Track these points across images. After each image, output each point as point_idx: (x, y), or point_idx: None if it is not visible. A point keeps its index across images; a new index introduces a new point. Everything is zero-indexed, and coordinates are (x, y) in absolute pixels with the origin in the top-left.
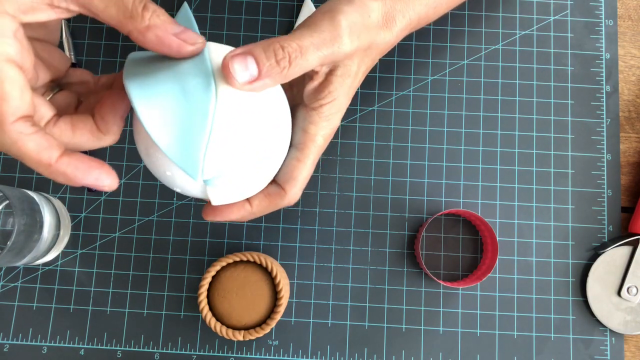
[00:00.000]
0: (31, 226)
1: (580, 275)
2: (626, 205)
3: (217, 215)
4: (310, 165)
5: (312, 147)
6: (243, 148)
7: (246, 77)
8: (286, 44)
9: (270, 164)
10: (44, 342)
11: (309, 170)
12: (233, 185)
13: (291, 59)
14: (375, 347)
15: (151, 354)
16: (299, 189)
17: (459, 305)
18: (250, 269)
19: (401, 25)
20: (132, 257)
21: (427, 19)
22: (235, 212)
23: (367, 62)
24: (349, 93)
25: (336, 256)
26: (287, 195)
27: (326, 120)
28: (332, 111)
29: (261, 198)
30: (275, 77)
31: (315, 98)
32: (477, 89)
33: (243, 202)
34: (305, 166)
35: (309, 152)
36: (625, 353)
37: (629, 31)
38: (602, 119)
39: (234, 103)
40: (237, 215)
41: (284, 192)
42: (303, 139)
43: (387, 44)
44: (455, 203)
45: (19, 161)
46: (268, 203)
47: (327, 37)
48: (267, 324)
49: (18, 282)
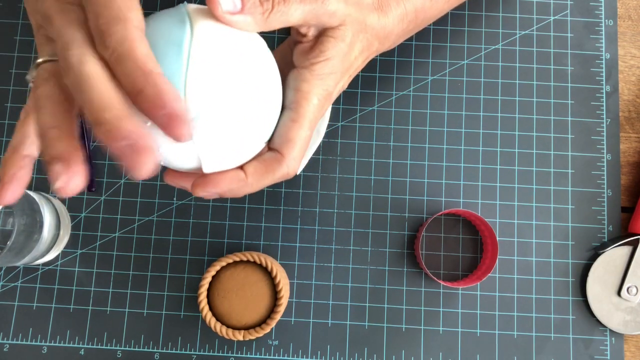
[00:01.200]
0: (31, 226)
1: (580, 275)
2: (626, 205)
3: (209, 185)
4: (307, 126)
5: (307, 105)
6: (225, 90)
7: (229, 5)
8: None
9: (260, 120)
10: (44, 342)
11: (306, 131)
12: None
13: (274, 3)
14: (375, 347)
15: (151, 354)
16: (298, 153)
17: (459, 305)
18: (250, 269)
19: (397, 12)
20: (132, 257)
21: (425, 12)
22: (229, 180)
23: (364, 41)
24: (344, 61)
25: (336, 256)
26: (286, 160)
27: (319, 78)
28: (325, 71)
29: (256, 165)
30: (256, 18)
31: (306, 57)
32: (477, 89)
33: (237, 171)
34: (301, 126)
35: (304, 111)
36: (625, 353)
37: (629, 31)
38: (602, 119)
39: (213, 39)
40: (231, 185)
41: (282, 156)
42: (296, 97)
43: (384, 29)
44: (455, 203)
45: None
46: (264, 170)
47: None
48: (267, 324)
49: (18, 282)
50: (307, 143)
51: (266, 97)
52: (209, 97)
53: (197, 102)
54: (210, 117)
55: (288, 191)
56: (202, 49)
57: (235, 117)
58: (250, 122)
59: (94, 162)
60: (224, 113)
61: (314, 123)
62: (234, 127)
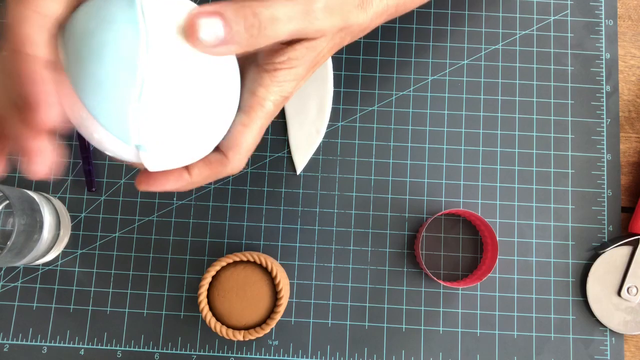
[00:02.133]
0: (31, 226)
1: (580, 275)
2: (626, 205)
3: (152, 185)
4: (257, 131)
5: (260, 111)
6: (182, 110)
7: (212, 38)
8: (259, 10)
9: (215, 129)
10: (44, 342)
11: (255, 136)
12: (171, 150)
13: (261, 27)
14: (375, 347)
15: (151, 354)
16: (243, 156)
17: (459, 305)
18: (250, 269)
19: (377, 8)
20: (132, 257)
21: (405, 5)
22: (172, 181)
23: (336, 42)
24: (310, 68)
25: (336, 256)
26: (230, 163)
27: (278, 85)
28: (288, 78)
29: (201, 166)
30: (241, 44)
31: (272, 60)
32: (477, 89)
33: (181, 171)
34: (250, 131)
35: (256, 117)
36: (625, 353)
37: (629, 31)
38: (602, 119)
39: (172, 59)
40: (175, 185)
41: (227, 160)
42: (250, 101)
43: (360, 27)
44: (455, 203)
45: (19, 161)
46: (209, 171)
47: (300, 9)
48: (267, 324)
49: (18, 282)
50: (254, 145)
51: (224, 109)
52: (162, 122)
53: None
54: (163, 137)
55: (288, 191)
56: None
57: (190, 131)
58: (204, 135)
59: (94, 162)
60: (178, 131)
61: (265, 126)
62: (186, 140)
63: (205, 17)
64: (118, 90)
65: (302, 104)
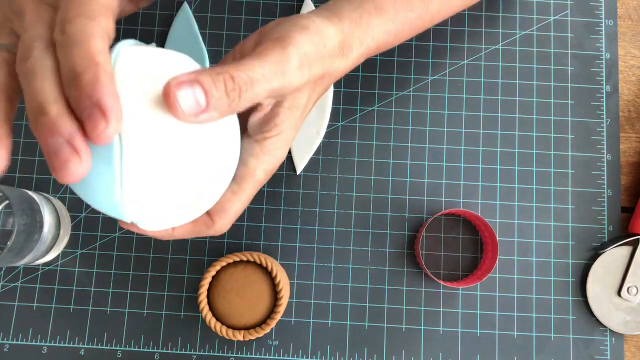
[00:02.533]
0: (31, 226)
1: (580, 275)
2: (626, 205)
3: (135, 229)
4: (245, 200)
5: (251, 181)
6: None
7: (193, 108)
8: (236, 74)
9: (207, 199)
10: (44, 342)
11: (243, 204)
12: (164, 218)
13: (241, 91)
14: (375, 347)
15: (151, 354)
16: (229, 222)
17: (459, 305)
18: (250, 269)
19: (357, 52)
20: (132, 257)
21: (387, 46)
22: (157, 234)
23: (319, 91)
24: (297, 125)
25: (336, 256)
26: (215, 226)
27: (269, 154)
28: (277, 145)
29: (185, 225)
30: (223, 110)
31: (260, 130)
32: (477, 89)
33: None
34: (239, 200)
35: (246, 187)
36: (625, 353)
37: (629, 31)
38: (602, 119)
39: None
40: (156, 235)
41: (212, 223)
42: (241, 171)
43: (340, 72)
44: (455, 203)
45: (19, 161)
46: (191, 229)
47: (276, 69)
48: (267, 324)
49: (18, 282)
50: (240, 212)
51: (219, 179)
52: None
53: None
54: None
55: (288, 191)
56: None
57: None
58: (195, 204)
59: None
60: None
61: (254, 193)
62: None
63: (185, 87)
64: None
65: None
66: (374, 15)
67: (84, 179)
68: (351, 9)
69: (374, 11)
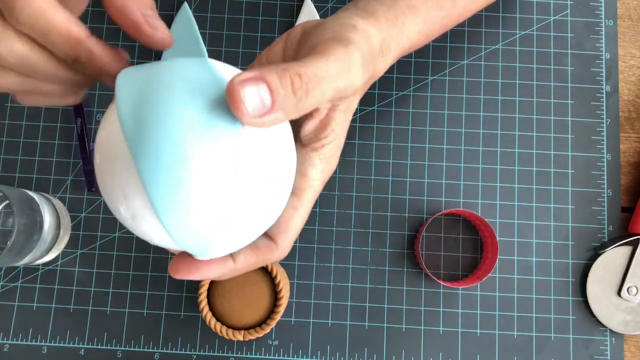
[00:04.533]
0: (31, 226)
1: (580, 275)
2: (626, 205)
3: (192, 273)
4: (305, 214)
5: (311, 192)
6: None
7: (257, 107)
8: (302, 71)
9: (271, 213)
10: (44, 342)
11: (303, 218)
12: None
13: (308, 89)
14: (375, 347)
15: (151, 354)
16: (291, 241)
17: (459, 305)
18: None
19: (395, 52)
20: (132, 257)
21: (418, 45)
22: (215, 269)
23: (362, 93)
24: (346, 129)
25: (336, 256)
26: (279, 249)
27: (327, 162)
28: (333, 152)
29: (247, 252)
30: (289, 110)
31: (317, 138)
32: (477, 89)
33: (225, 258)
34: (300, 215)
35: (306, 199)
36: (625, 353)
37: (629, 31)
38: (602, 119)
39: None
40: (217, 273)
41: (275, 246)
42: (300, 183)
43: (381, 73)
44: (455, 203)
45: (19, 161)
46: (255, 259)
47: (342, 67)
48: (267, 324)
49: (18, 282)
50: (301, 227)
51: (281, 194)
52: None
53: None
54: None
55: None
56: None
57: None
58: (258, 222)
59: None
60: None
61: (311, 207)
62: (236, 223)
63: (249, 85)
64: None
65: None
66: (408, 15)
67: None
68: (385, 9)
69: (407, 11)
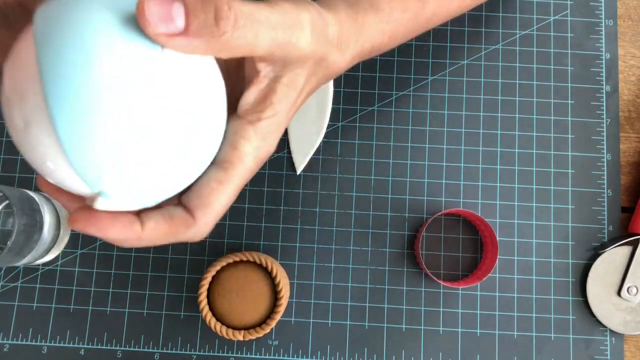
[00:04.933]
0: (31, 226)
1: (580, 275)
2: (626, 205)
3: (92, 225)
4: (233, 191)
5: (240, 168)
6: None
7: (164, 26)
8: (235, 4)
9: (182, 163)
10: (44, 342)
11: (230, 197)
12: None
13: (237, 23)
14: (375, 347)
15: (151, 354)
16: (213, 220)
17: (459, 305)
18: (250, 269)
19: (354, 50)
20: (132, 257)
21: (381, 47)
22: (119, 229)
23: (313, 81)
24: (290, 112)
25: (336, 256)
26: (195, 225)
27: (262, 139)
28: (271, 129)
29: (158, 220)
30: (208, 41)
31: (254, 110)
32: (477, 89)
33: (132, 219)
34: (226, 191)
35: (235, 174)
36: (625, 353)
37: (629, 31)
38: (602, 119)
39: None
40: (119, 235)
41: (192, 221)
42: (229, 155)
43: (337, 68)
44: (455, 203)
45: (19, 161)
46: (167, 230)
47: (286, 20)
48: (267, 324)
49: (18, 282)
50: (227, 208)
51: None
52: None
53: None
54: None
55: (288, 191)
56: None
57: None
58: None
59: None
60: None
61: (243, 184)
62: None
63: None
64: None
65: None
66: (370, 13)
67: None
68: (345, 6)
69: (369, 9)
